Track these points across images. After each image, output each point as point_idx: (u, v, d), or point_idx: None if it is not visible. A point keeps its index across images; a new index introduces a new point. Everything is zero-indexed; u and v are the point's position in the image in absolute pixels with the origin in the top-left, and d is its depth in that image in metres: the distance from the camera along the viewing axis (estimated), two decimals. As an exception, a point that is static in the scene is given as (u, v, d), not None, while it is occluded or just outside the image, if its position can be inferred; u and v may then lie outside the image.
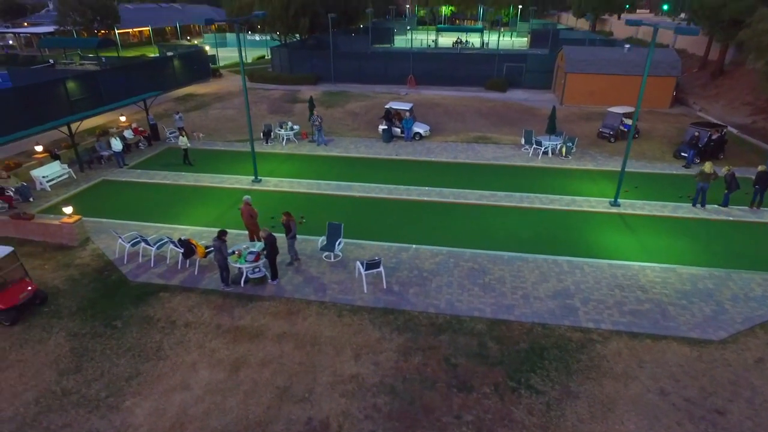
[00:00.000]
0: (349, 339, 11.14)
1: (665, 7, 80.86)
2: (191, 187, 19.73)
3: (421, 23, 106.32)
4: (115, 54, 54.89)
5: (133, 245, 14.31)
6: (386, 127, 25.51)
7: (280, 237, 13.92)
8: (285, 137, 25.13)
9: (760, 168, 16.87)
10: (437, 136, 26.36)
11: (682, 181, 20.07)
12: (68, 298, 12.70)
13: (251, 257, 12.79)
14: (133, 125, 24.80)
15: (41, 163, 20.58)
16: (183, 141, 21.72)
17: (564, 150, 22.78)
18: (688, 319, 11.61)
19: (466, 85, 41.22)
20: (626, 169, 20.98)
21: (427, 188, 19.23)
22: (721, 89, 33.93)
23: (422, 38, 78.97)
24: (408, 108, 25.85)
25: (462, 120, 29.54)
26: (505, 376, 10.03)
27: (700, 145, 21.60)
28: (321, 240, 14.40)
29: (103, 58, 49.96)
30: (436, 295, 12.62)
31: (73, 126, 20.86)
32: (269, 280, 13.10)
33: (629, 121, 25.46)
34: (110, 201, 18.44)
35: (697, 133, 21.57)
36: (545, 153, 23.02)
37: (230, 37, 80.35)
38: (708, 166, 16.91)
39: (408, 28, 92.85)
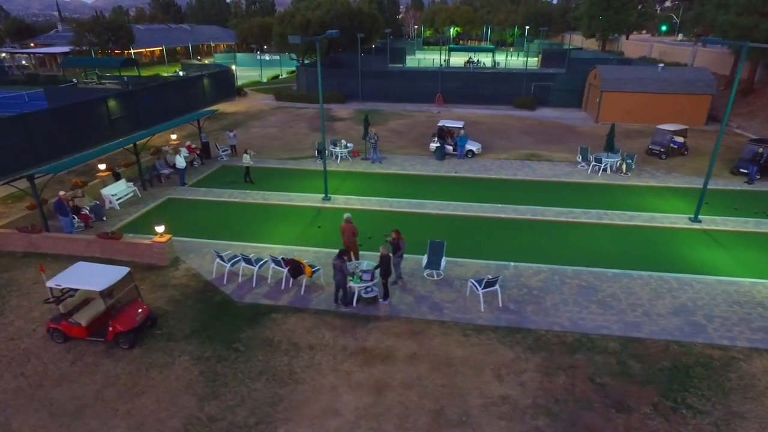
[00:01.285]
0: (484, 359, 10.87)
1: (663, 27, 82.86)
2: (261, 206, 19.50)
3: (426, 43, 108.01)
4: (135, 74, 54.97)
5: (233, 265, 14.00)
6: (439, 144, 25.54)
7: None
8: (339, 155, 25.06)
9: None
10: (488, 153, 26.42)
11: (750, 196, 20.18)
12: (177, 320, 12.34)
13: (367, 276, 12.55)
14: (187, 143, 24.62)
15: (104, 182, 20.28)
16: (246, 158, 21.56)
17: (624, 167, 22.87)
18: (819, 335, 11.49)
19: (494, 104, 41.65)
20: (689, 186, 21.15)
21: (500, 205, 19.15)
22: (754, 107, 34.50)
23: (433, 58, 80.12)
24: (461, 126, 25.95)
25: (507, 138, 29.69)
26: (659, 395, 9.80)
27: (761, 162, 21.83)
28: (423, 258, 14.19)
29: (125, 78, 50.03)
30: (555, 313, 12.42)
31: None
32: (380, 300, 12.84)
33: (679, 139, 25.70)
34: (181, 219, 18.13)
35: (761, 150, 21.78)
36: (604, 170, 23.09)
37: (239, 57, 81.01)
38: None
39: (416, 48, 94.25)
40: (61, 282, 11.05)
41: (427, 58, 79.35)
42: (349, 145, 25.51)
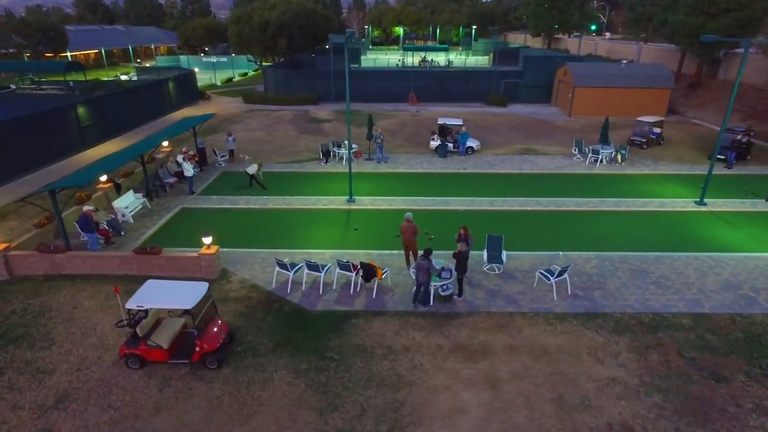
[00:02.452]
0: (577, 345, 11.28)
1: (593, 27, 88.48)
2: (284, 211, 18.90)
3: (374, 44, 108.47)
4: (81, 77, 51.05)
5: (296, 272, 13.52)
6: (440, 142, 25.90)
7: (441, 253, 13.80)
8: (344, 156, 24.76)
9: None
10: (485, 149, 27.12)
11: (733, 180, 22.14)
12: (253, 334, 11.76)
13: (446, 274, 12.58)
14: (184, 149, 23.30)
15: (106, 194, 18.81)
16: (253, 167, 20.78)
17: (619, 157, 24.34)
18: None
19: (466, 102, 42.76)
20: (678, 172, 22.91)
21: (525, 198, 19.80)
22: (704, 99, 37.77)
23: (388, 58, 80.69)
24: (461, 123, 26.47)
25: (497, 134, 30.60)
26: (746, 364, 10.64)
27: (739, 148, 24.04)
28: (483, 253, 14.42)
29: (71, 83, 46.36)
30: (621, 296, 13.08)
31: (91, 153, 19.14)
32: (455, 297, 12.92)
33: (657, 129, 27.69)
34: (207, 229, 17.10)
35: (739, 137, 23.97)
36: (600, 161, 24.44)
37: (184, 60, 77.61)
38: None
39: (366, 48, 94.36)
40: (142, 303, 10.20)
41: (381, 58, 79.78)
42: (354, 146, 25.25)
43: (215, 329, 10.86)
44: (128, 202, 18.05)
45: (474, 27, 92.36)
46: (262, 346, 11.36)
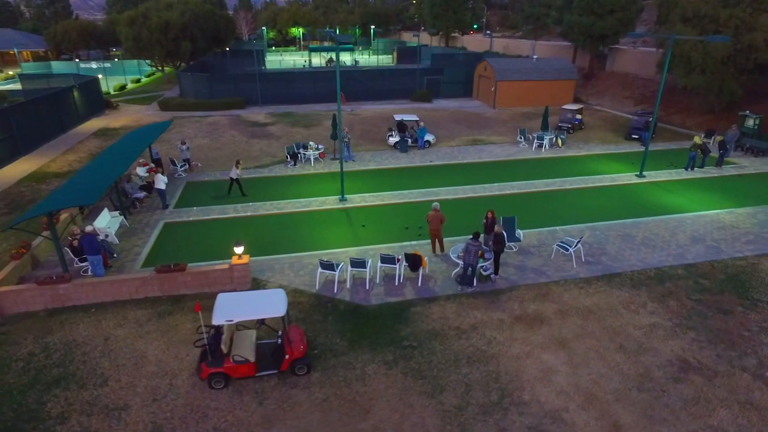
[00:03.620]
0: (610, 302, 12.95)
1: (475, 26, 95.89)
2: (279, 215, 18.46)
3: (271, 45, 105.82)
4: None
5: (340, 271, 13.53)
6: (399, 138, 26.81)
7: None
8: (311, 157, 24.57)
9: (697, 139, 23.19)
10: (438, 142, 28.60)
11: (651, 155, 26.08)
12: (323, 336, 11.68)
13: (489, 255, 13.53)
14: (141, 160, 21.40)
15: (71, 215, 16.80)
16: (235, 171, 19.90)
17: (560, 141, 27.29)
18: (779, 238, 16.35)
19: (393, 99, 44.21)
20: (608, 151, 26.44)
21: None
22: (599, 88, 43.31)
23: (293, 59, 79.48)
24: (417, 119, 27.61)
25: (442, 127, 32.28)
26: (738, 297, 13.10)
27: (642, 127, 28.28)
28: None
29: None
30: (623, 258, 15.13)
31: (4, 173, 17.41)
32: (493, 276, 13.95)
33: (579, 116, 31.39)
34: (205, 242, 16.26)
35: (650, 119, 28.16)
36: (543, 146, 27.19)
37: (55, 65, 69.62)
38: (698, 139, 22.84)
39: (264, 50, 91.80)
40: (231, 316, 9.68)
41: (286, 60, 78.41)
42: (320, 146, 25.15)
43: (296, 335, 10.66)
44: (107, 222, 16.35)
45: (372, 27, 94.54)
46: (338, 346, 11.36)
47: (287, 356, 10.16)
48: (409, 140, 27.20)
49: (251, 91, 41.63)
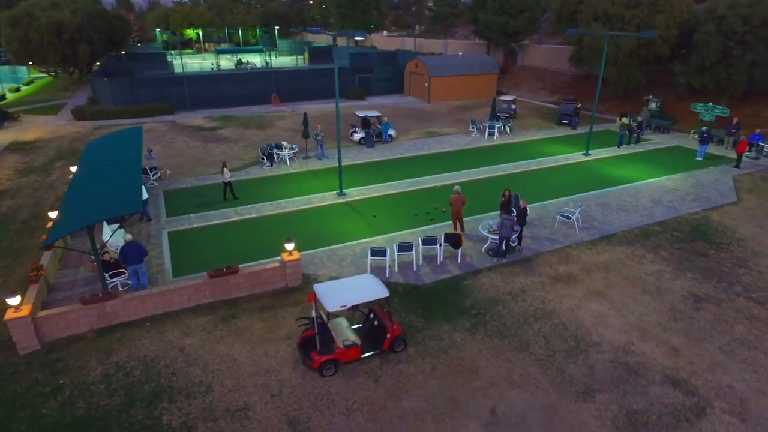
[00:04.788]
0: (618, 258, 15.20)
1: (372, 26, 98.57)
2: (284, 214, 18.42)
3: (166, 48, 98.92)
4: None
5: (389, 256, 14.19)
6: (364, 134, 27.61)
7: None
8: (285, 157, 24.44)
9: (624, 120, 27.35)
10: (398, 136, 29.85)
11: (581, 136, 29.79)
12: (396, 315, 12.32)
13: (517, 228, 15.05)
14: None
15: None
16: (227, 174, 19.34)
17: (508, 129, 30.01)
18: (712, 195, 20.04)
19: (327, 98, 44.50)
20: (546, 136, 29.71)
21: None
22: (515, 81, 47.62)
23: (198, 62, 75.37)
24: (379, 115, 28.55)
25: (394, 123, 33.46)
26: (705, 243, 16.10)
27: (571, 113, 32.17)
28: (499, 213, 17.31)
29: None
30: (610, 221, 17.63)
31: None
32: (517, 247, 15.54)
33: (514, 106, 34.61)
34: (221, 247, 15.84)
35: (579, 105, 32.02)
36: (494, 134, 29.71)
37: None
38: (625, 120, 26.73)
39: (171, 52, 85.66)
40: (344, 302, 10.01)
41: (192, 63, 74.21)
42: (294, 146, 25.05)
43: (386, 314, 11.23)
44: (115, 236, 15.18)
45: (277, 28, 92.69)
46: (415, 322, 12.12)
47: (388, 335, 10.73)
48: (374, 135, 28.07)
49: (179, 95, 39.32)
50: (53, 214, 14.97)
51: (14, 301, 10.74)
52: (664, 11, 29.99)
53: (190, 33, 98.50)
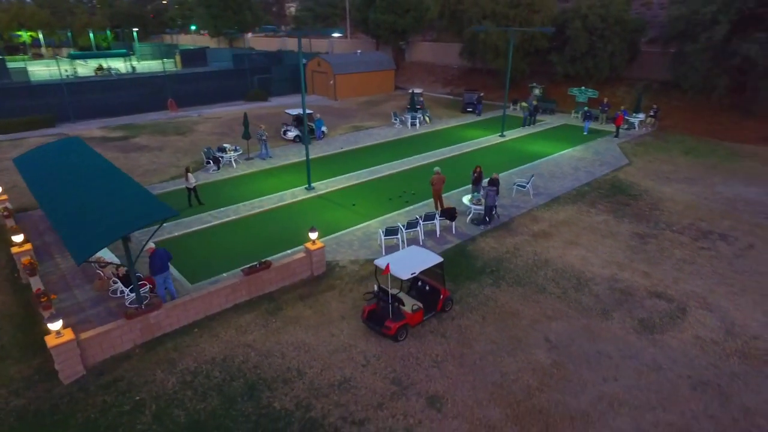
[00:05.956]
0: (572, 214, 18.28)
1: (193, 27, 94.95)
2: (262, 213, 18.38)
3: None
4: None
5: (398, 234, 15.34)
6: (299, 132, 27.91)
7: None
8: (233, 159, 23.80)
9: (524, 104, 31.98)
10: (329, 132, 30.59)
11: (489, 121, 33.69)
12: (426, 283, 13.66)
13: (498, 198, 17.22)
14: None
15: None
16: (192, 179, 18.55)
17: (428, 119, 32.59)
18: (611, 160, 24.65)
19: (227, 101, 43.01)
20: (457, 123, 33.11)
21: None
22: (407, 75, 50.86)
23: (46, 69, 65.75)
24: (312, 112, 28.95)
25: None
26: (625, 196, 20.07)
27: (475, 102, 36.01)
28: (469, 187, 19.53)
29: None
30: (552, 187, 20.84)
31: None
32: (496, 214, 17.78)
33: (421, 98, 37.43)
34: (216, 251, 15.55)
35: (482, 94, 35.82)
36: (415, 125, 32.08)
37: None
38: (525, 104, 30.98)
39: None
40: (413, 270, 11.04)
41: (40, 71, 64.61)
42: (238, 148, 24.41)
43: (442, 278, 12.48)
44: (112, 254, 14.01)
45: (136, 30, 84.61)
46: (447, 284, 13.57)
47: (442, 296, 12.05)
48: (309, 133, 28.42)
49: (59, 105, 34.83)
50: None
51: (56, 326, 9.78)
52: (540, 11, 35.13)
53: (25, 36, 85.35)
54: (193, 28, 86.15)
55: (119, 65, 69.41)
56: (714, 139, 28.39)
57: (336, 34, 23.29)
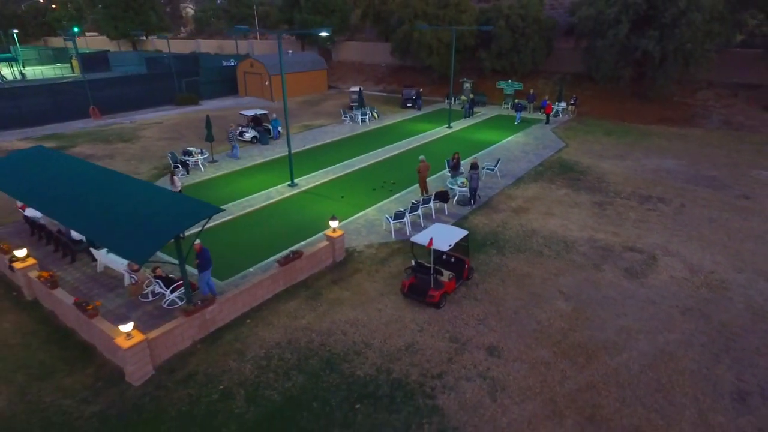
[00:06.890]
0: (538, 190, 20.66)
1: (75, 29, 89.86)
2: (254, 212, 18.55)
3: None
4: None
5: (404, 219, 16.49)
6: (256, 133, 27.83)
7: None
8: (201, 163, 23.27)
9: (464, 98, 34.67)
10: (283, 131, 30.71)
11: (432, 114, 35.85)
12: (441, 258, 15.02)
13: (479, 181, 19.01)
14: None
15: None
16: (178, 183, 18.16)
17: (376, 115, 33.87)
18: (551, 143, 27.80)
19: (155, 105, 41.07)
20: (403, 118, 35.00)
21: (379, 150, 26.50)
22: (338, 75, 51.70)
23: None
24: (266, 112, 28.88)
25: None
26: (574, 172, 22.99)
27: (414, 97, 38.01)
28: (449, 171, 21.20)
29: None
30: (512, 169, 23.18)
31: None
32: (478, 194, 19.60)
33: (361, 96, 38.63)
34: (226, 248, 15.69)
35: (421, 90, 37.76)
36: (365, 121, 33.24)
37: None
38: (465, 97, 33.47)
39: None
40: (451, 242, 12.31)
41: None
42: (203, 151, 23.82)
43: (466, 250, 13.86)
44: (115, 258, 13.55)
45: (15, 31, 75.57)
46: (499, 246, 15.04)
47: (467, 265, 13.49)
48: (267, 133, 28.42)
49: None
50: None
51: (127, 327, 9.71)
52: (466, 11, 37.95)
53: None
54: (75, 30, 78.85)
55: (5, 71, 62.22)
56: (624, 122, 32.98)
57: (323, 33, 23.92)
